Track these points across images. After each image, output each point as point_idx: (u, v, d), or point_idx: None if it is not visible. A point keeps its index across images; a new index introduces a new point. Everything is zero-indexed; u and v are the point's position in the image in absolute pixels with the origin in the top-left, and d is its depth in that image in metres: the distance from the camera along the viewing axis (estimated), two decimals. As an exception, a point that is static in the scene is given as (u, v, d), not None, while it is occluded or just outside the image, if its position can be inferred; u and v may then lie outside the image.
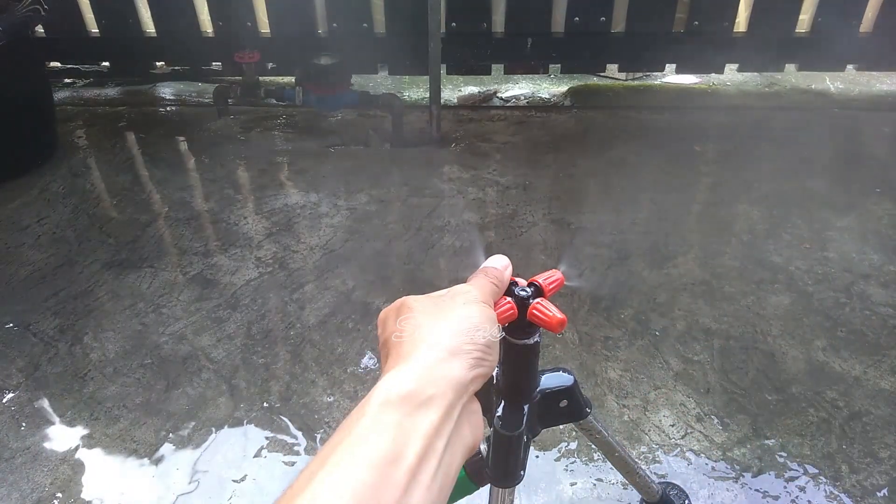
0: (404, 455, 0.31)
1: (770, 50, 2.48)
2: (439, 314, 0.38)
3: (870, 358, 1.39)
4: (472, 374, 0.36)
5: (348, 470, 0.30)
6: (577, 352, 1.42)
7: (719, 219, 1.88)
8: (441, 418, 0.33)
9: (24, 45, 2.06)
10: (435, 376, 0.34)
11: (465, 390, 0.36)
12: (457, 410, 0.35)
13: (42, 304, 1.58)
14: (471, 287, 0.41)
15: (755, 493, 1.13)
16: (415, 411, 0.33)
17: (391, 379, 0.34)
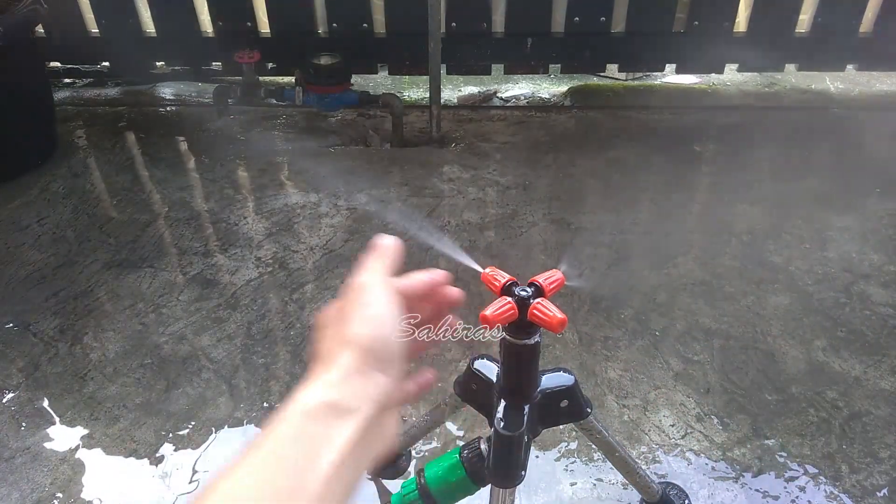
0: (320, 464, 0.32)
1: (770, 50, 2.47)
2: (356, 319, 0.38)
3: (870, 358, 1.39)
4: (390, 390, 0.37)
5: (266, 473, 0.31)
6: (577, 352, 1.42)
7: (719, 219, 1.88)
8: (357, 431, 0.34)
9: (24, 45, 2.06)
10: (355, 389, 0.35)
11: (383, 405, 0.37)
12: (372, 423, 0.36)
13: (42, 304, 1.58)
14: (374, 280, 0.40)
15: (755, 493, 1.13)
16: (334, 422, 0.34)
17: (313, 389, 0.35)
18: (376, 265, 0.41)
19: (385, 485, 1.15)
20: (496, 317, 0.62)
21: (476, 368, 0.81)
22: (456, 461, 0.79)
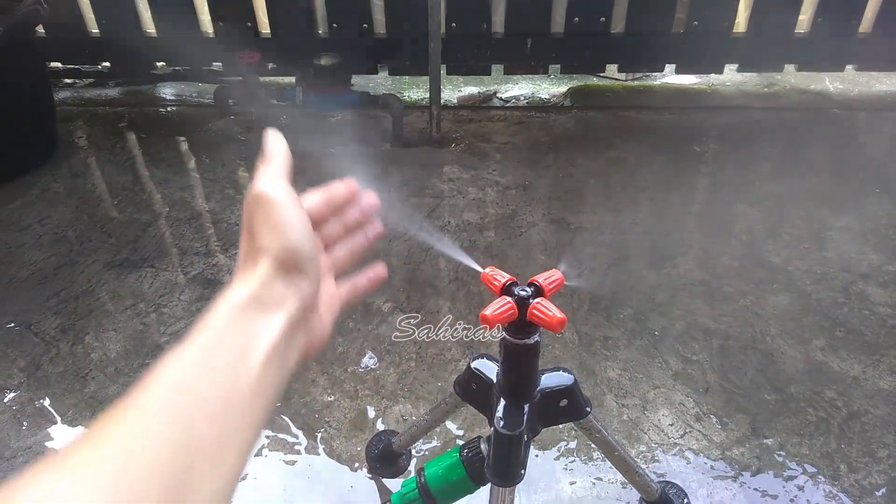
0: (255, 350, 0.34)
1: (770, 50, 2.48)
2: (264, 230, 0.38)
3: (868, 358, 1.40)
4: (309, 291, 0.38)
5: (208, 358, 0.33)
6: (577, 351, 1.42)
7: (719, 219, 1.89)
8: (285, 325, 0.36)
9: (24, 45, 2.07)
10: (276, 291, 0.37)
11: (305, 306, 0.38)
12: (297, 321, 0.37)
13: (43, 303, 1.59)
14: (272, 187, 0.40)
15: (754, 493, 1.14)
16: (262, 315, 0.36)
17: (239, 288, 0.36)
18: (272, 171, 0.41)
19: (385, 484, 1.16)
20: (496, 316, 0.62)
21: (476, 368, 0.81)
22: (456, 460, 0.80)
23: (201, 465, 0.30)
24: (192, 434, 0.30)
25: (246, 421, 0.33)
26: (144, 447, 0.28)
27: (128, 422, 0.29)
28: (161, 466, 0.28)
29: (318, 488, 1.16)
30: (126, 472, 0.27)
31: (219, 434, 0.31)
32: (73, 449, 0.28)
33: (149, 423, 0.29)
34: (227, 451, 0.31)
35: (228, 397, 0.32)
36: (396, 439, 1.09)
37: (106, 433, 0.29)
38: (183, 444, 0.29)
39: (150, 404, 0.30)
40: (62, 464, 0.27)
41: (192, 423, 0.30)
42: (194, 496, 0.29)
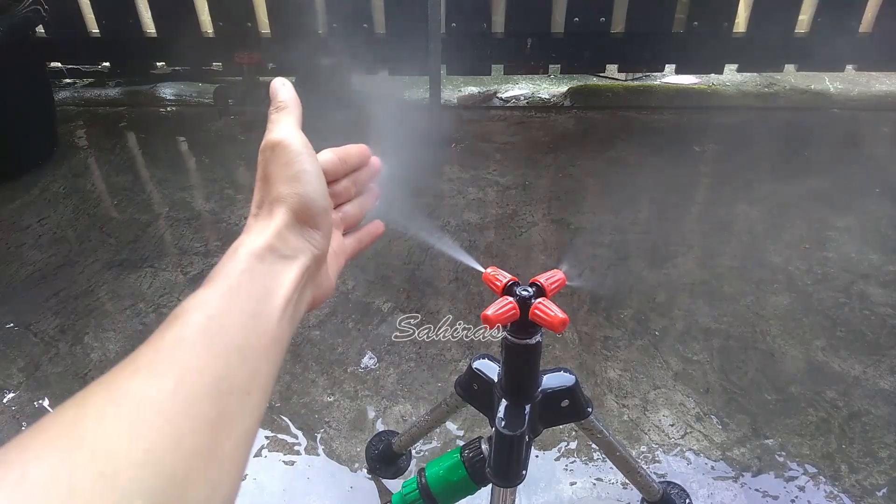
0: (275, 297, 0.35)
1: (770, 50, 2.48)
2: (281, 179, 0.38)
3: (869, 358, 1.40)
4: (322, 243, 0.39)
5: (232, 306, 0.33)
6: (577, 351, 1.42)
7: (719, 219, 1.89)
8: (299, 274, 0.36)
9: (24, 45, 2.07)
10: (291, 242, 0.37)
11: (318, 257, 0.39)
12: (310, 271, 0.38)
13: (43, 303, 1.58)
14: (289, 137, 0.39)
15: (755, 493, 1.13)
16: (279, 263, 0.36)
17: (255, 236, 0.36)
18: (288, 120, 0.41)
19: (385, 484, 1.16)
20: (497, 316, 0.62)
21: (477, 368, 0.81)
22: (457, 461, 0.80)
23: (233, 404, 0.30)
24: (225, 372, 0.30)
25: (267, 365, 0.33)
26: (187, 382, 0.28)
27: (168, 359, 0.29)
28: (202, 403, 0.28)
29: (318, 489, 1.15)
30: (171, 409, 0.27)
31: (248, 374, 0.31)
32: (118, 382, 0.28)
33: (188, 360, 0.29)
34: (254, 391, 0.32)
35: (252, 340, 0.33)
36: (397, 440, 1.09)
37: (149, 367, 0.29)
38: (216, 383, 0.29)
39: (183, 343, 0.30)
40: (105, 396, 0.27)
41: (224, 362, 0.30)
42: (228, 434, 0.29)
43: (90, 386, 0.28)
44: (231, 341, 0.31)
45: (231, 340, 0.31)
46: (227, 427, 0.29)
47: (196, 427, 0.27)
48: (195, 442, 0.27)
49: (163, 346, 0.30)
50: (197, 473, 0.27)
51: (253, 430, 0.32)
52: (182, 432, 0.27)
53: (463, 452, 0.80)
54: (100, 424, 0.26)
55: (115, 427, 0.26)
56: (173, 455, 0.26)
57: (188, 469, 0.26)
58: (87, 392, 0.28)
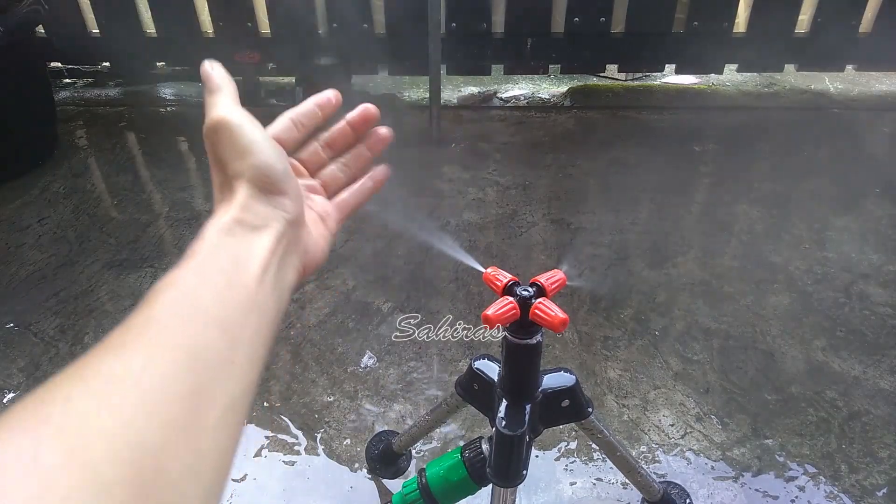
0: (249, 266, 0.34)
1: (770, 50, 2.48)
2: (232, 156, 0.38)
3: (869, 358, 1.40)
4: (293, 206, 0.38)
5: (203, 274, 0.33)
6: (577, 351, 1.42)
7: (719, 219, 1.89)
8: (273, 241, 0.36)
9: (24, 45, 2.07)
10: (259, 211, 0.37)
11: (292, 221, 0.38)
12: (287, 236, 0.37)
13: (43, 304, 1.58)
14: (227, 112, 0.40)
15: (755, 493, 1.13)
16: (249, 234, 0.36)
17: (221, 214, 0.36)
18: (223, 99, 0.41)
19: (385, 484, 1.16)
20: (498, 316, 0.62)
21: (477, 368, 0.81)
22: (457, 461, 0.80)
23: (213, 375, 0.30)
24: (202, 344, 0.30)
25: (249, 332, 0.33)
26: (160, 356, 0.28)
27: (139, 336, 0.29)
28: (177, 375, 0.28)
29: (318, 488, 1.15)
30: (145, 382, 0.27)
31: (227, 343, 0.31)
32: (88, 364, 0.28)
33: (160, 335, 0.29)
34: (238, 359, 0.32)
35: (229, 310, 0.32)
36: (397, 440, 1.09)
37: (120, 346, 0.29)
38: (192, 355, 0.29)
39: (153, 320, 0.30)
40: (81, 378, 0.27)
41: (200, 334, 0.30)
42: (210, 404, 0.29)
43: (64, 370, 0.28)
44: (205, 313, 0.31)
45: (205, 312, 0.31)
46: (209, 397, 0.29)
47: (172, 398, 0.27)
48: (171, 412, 0.27)
49: (133, 326, 0.30)
50: (176, 443, 0.26)
51: (241, 398, 0.31)
52: (156, 403, 0.27)
53: (463, 452, 0.80)
54: (67, 404, 0.26)
55: (84, 404, 0.25)
56: (147, 426, 0.26)
57: (165, 439, 0.26)
58: (55, 378, 0.27)
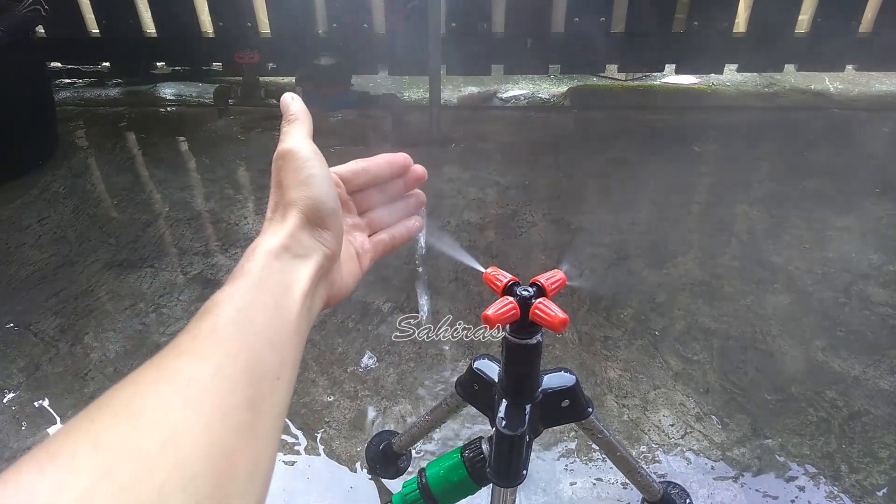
0: (294, 292, 0.37)
1: (770, 50, 2.48)
2: (293, 184, 0.41)
3: (869, 358, 1.40)
4: (334, 243, 0.41)
5: (257, 300, 0.35)
6: (577, 351, 1.42)
7: (719, 219, 1.89)
8: (314, 271, 0.39)
9: (24, 45, 2.07)
10: (304, 242, 0.40)
11: (331, 256, 0.41)
12: (324, 270, 0.40)
13: (43, 303, 1.58)
14: (299, 145, 0.43)
15: (755, 493, 1.13)
16: (294, 261, 0.39)
17: (270, 237, 0.39)
18: (298, 131, 0.44)
19: (386, 484, 1.16)
20: (498, 316, 0.62)
21: (477, 368, 0.81)
22: (457, 461, 0.80)
23: (266, 387, 0.33)
24: (258, 358, 0.33)
25: (292, 353, 0.36)
26: (226, 365, 0.31)
27: (205, 344, 0.32)
28: (241, 384, 0.31)
29: (318, 488, 1.15)
30: (217, 387, 0.30)
31: (277, 360, 0.34)
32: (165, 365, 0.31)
33: (224, 346, 0.32)
34: (283, 376, 0.34)
35: (278, 330, 0.35)
36: (397, 440, 1.09)
37: (190, 352, 0.31)
38: (250, 367, 0.32)
39: (217, 331, 0.33)
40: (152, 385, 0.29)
41: (256, 349, 0.33)
42: (264, 413, 0.32)
43: (140, 368, 0.30)
44: (259, 331, 0.34)
45: (259, 330, 0.34)
46: (264, 407, 0.32)
47: (238, 404, 0.30)
48: (239, 417, 0.30)
49: (200, 334, 0.32)
50: (243, 445, 0.29)
51: (283, 412, 0.34)
52: (228, 408, 0.30)
53: (463, 452, 0.80)
54: (157, 398, 0.28)
55: (171, 400, 0.28)
56: (222, 427, 0.29)
57: (236, 441, 0.29)
58: (138, 373, 0.30)
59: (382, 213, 0.52)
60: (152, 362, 0.31)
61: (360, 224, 0.50)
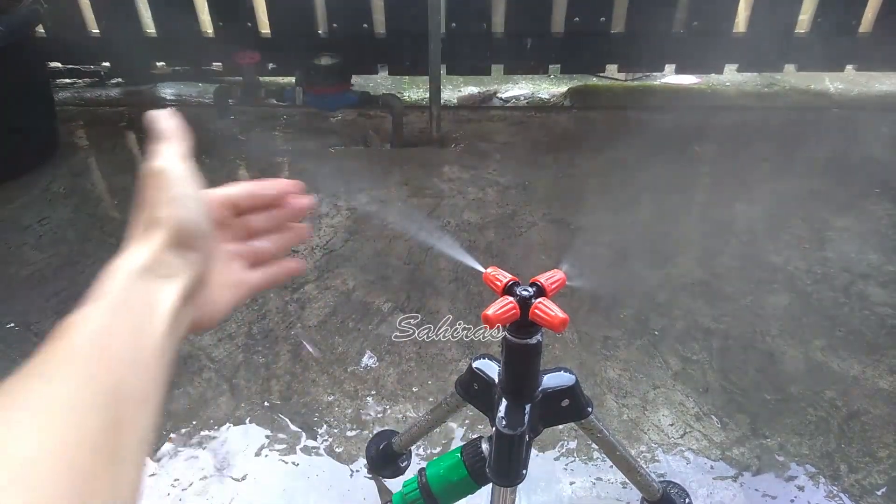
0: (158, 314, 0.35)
1: (770, 50, 2.48)
2: (160, 203, 0.40)
3: (868, 357, 1.40)
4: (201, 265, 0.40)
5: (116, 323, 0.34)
6: (577, 351, 1.42)
7: (719, 219, 1.89)
8: (181, 293, 0.37)
9: (24, 45, 2.06)
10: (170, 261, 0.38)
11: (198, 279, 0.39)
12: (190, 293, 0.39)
13: (43, 304, 1.59)
14: (170, 164, 0.42)
15: (754, 493, 1.14)
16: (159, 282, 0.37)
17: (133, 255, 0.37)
18: (169, 150, 0.43)
19: (386, 484, 1.16)
20: (498, 316, 0.62)
21: (477, 368, 0.82)
22: (457, 460, 0.80)
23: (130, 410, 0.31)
24: (119, 380, 0.31)
25: (156, 376, 0.34)
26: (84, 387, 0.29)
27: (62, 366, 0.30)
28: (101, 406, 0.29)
29: (318, 488, 1.15)
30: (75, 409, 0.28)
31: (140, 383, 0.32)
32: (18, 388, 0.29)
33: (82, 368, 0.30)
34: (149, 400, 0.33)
35: (140, 353, 0.33)
36: (397, 439, 1.09)
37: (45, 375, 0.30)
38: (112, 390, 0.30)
39: (74, 352, 0.31)
40: None
41: (116, 371, 0.31)
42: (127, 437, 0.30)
43: None
44: (120, 352, 0.32)
45: (120, 351, 0.32)
46: (127, 430, 0.30)
47: (97, 428, 0.29)
48: (98, 441, 0.28)
49: (55, 356, 0.31)
50: (103, 470, 0.28)
51: (148, 436, 0.33)
52: (86, 431, 0.28)
53: (463, 452, 0.80)
54: (6, 427, 0.27)
55: (24, 426, 0.27)
56: (80, 451, 0.27)
57: (94, 465, 0.27)
58: None
59: (267, 243, 0.49)
60: (2, 388, 0.29)
61: (243, 252, 0.48)
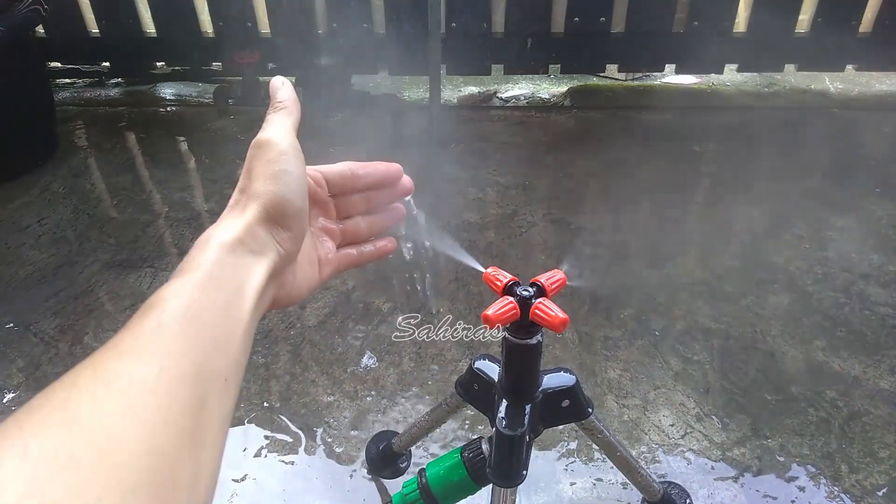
0: (247, 292, 0.35)
1: (770, 50, 2.48)
2: (262, 176, 0.39)
3: (869, 358, 1.40)
4: (291, 244, 0.39)
5: (208, 298, 0.33)
6: (577, 351, 1.42)
7: (719, 219, 1.89)
8: (267, 269, 0.37)
9: (24, 45, 2.06)
10: (260, 238, 0.37)
11: (286, 257, 0.39)
12: (277, 269, 0.38)
13: (42, 303, 1.58)
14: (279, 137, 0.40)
15: (755, 493, 1.13)
16: (249, 257, 0.36)
17: (225, 228, 0.37)
18: (282, 121, 0.41)
19: (385, 484, 1.16)
20: (498, 316, 0.62)
21: (477, 368, 0.81)
22: (457, 461, 0.80)
23: (213, 390, 0.30)
24: (205, 359, 0.31)
25: (240, 355, 0.34)
26: (171, 365, 0.29)
27: (151, 343, 0.29)
28: (187, 386, 0.29)
29: (318, 489, 1.15)
30: (160, 389, 0.28)
31: (224, 362, 0.32)
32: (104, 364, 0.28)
33: (171, 344, 0.30)
34: (231, 378, 0.32)
35: (228, 330, 0.33)
36: (397, 440, 1.09)
37: (133, 350, 0.29)
38: (197, 368, 0.30)
39: (163, 329, 0.30)
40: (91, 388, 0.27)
41: (203, 349, 0.31)
42: (210, 418, 0.30)
43: (75, 368, 0.28)
44: (208, 330, 0.32)
45: (208, 329, 0.32)
46: (210, 410, 0.30)
47: (183, 408, 0.28)
48: (183, 422, 0.28)
49: (143, 332, 0.30)
50: (186, 452, 0.27)
51: (230, 416, 0.32)
52: (171, 412, 0.27)
53: (463, 452, 0.80)
54: (93, 403, 0.26)
55: (109, 406, 0.26)
56: (164, 433, 0.27)
57: (179, 448, 0.27)
58: (74, 374, 0.27)
59: (360, 224, 0.49)
60: (90, 362, 0.28)
61: (335, 230, 0.47)
